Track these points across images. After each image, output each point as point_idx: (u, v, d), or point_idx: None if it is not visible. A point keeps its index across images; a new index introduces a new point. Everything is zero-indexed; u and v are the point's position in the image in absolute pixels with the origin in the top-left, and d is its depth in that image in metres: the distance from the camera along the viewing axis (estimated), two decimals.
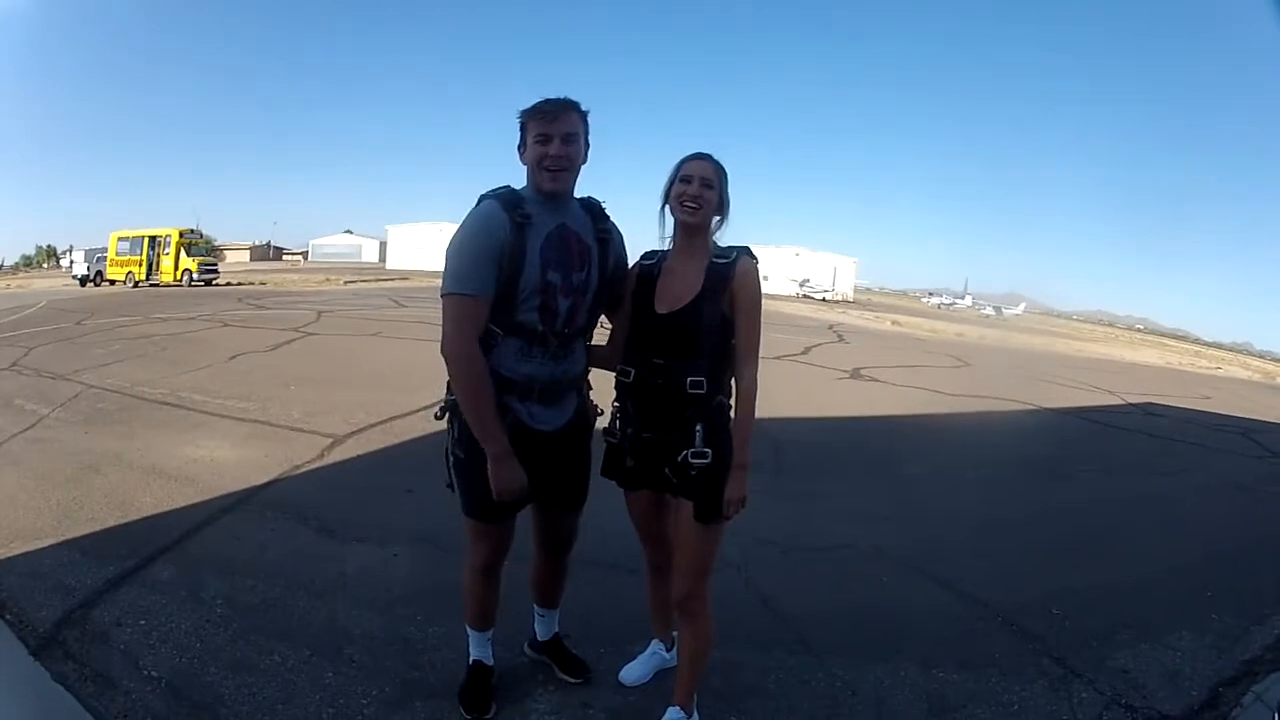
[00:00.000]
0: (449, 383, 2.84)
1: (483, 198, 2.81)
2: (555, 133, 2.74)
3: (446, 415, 2.97)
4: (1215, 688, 3.77)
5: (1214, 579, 5.09)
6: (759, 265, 2.91)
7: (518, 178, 2.90)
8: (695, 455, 2.77)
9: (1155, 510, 6.98)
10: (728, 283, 2.80)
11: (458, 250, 2.75)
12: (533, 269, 2.75)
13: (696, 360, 2.79)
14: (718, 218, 2.89)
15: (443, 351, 2.74)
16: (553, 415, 2.95)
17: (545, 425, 2.92)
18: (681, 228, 2.88)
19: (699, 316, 2.78)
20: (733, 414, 2.88)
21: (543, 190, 2.81)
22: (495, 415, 2.76)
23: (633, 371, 2.89)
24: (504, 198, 2.78)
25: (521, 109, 2.81)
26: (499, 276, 2.72)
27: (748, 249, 2.89)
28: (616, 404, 3.03)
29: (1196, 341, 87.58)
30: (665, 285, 2.89)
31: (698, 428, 2.78)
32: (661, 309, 2.85)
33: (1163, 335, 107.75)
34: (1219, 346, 77.32)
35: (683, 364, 2.78)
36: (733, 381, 2.89)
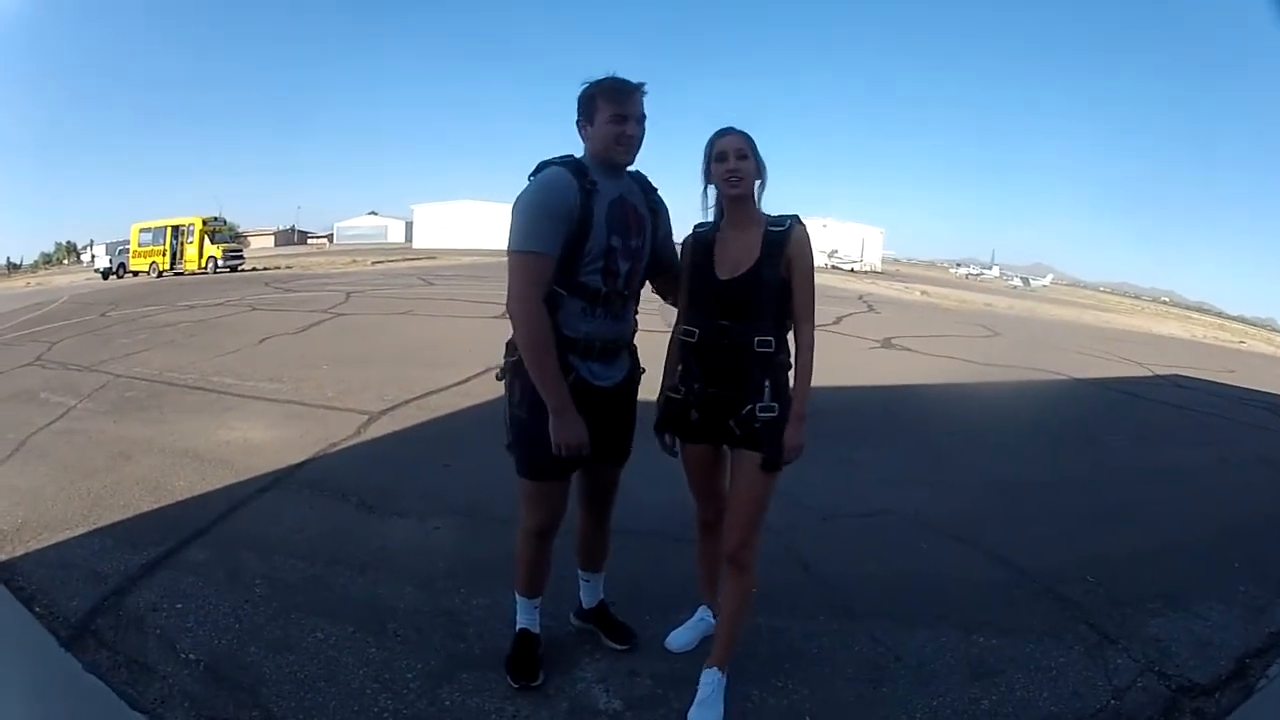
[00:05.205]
0: (509, 343, 2.97)
1: (545, 164, 2.92)
2: (631, 114, 2.88)
3: (507, 377, 3.02)
4: (1242, 659, 3.73)
5: (1241, 551, 5.01)
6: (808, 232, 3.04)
7: (541, 154, 3.01)
8: (764, 409, 2.92)
9: (1183, 481, 6.88)
10: (784, 249, 2.94)
11: (526, 210, 2.83)
12: (599, 233, 2.87)
13: (761, 321, 2.93)
14: (758, 182, 3.01)
15: (508, 307, 2.82)
16: (611, 372, 3.06)
17: (605, 381, 3.03)
18: (729, 200, 3.01)
19: (760, 281, 2.92)
20: (792, 369, 3.02)
21: (617, 163, 2.95)
22: (558, 370, 2.84)
23: (697, 332, 3.00)
24: (572, 165, 2.88)
25: (590, 83, 2.92)
26: (567, 239, 2.82)
27: (797, 217, 3.02)
28: (680, 363, 3.12)
29: (1220, 315, 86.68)
30: (723, 252, 3.01)
31: (766, 383, 2.93)
32: (723, 275, 2.97)
33: (1187, 308, 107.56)
34: (1243, 321, 76.58)
35: (748, 325, 2.92)
36: (790, 339, 3.04)
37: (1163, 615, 4.07)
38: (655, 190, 3.16)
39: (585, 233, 2.82)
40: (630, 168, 3.06)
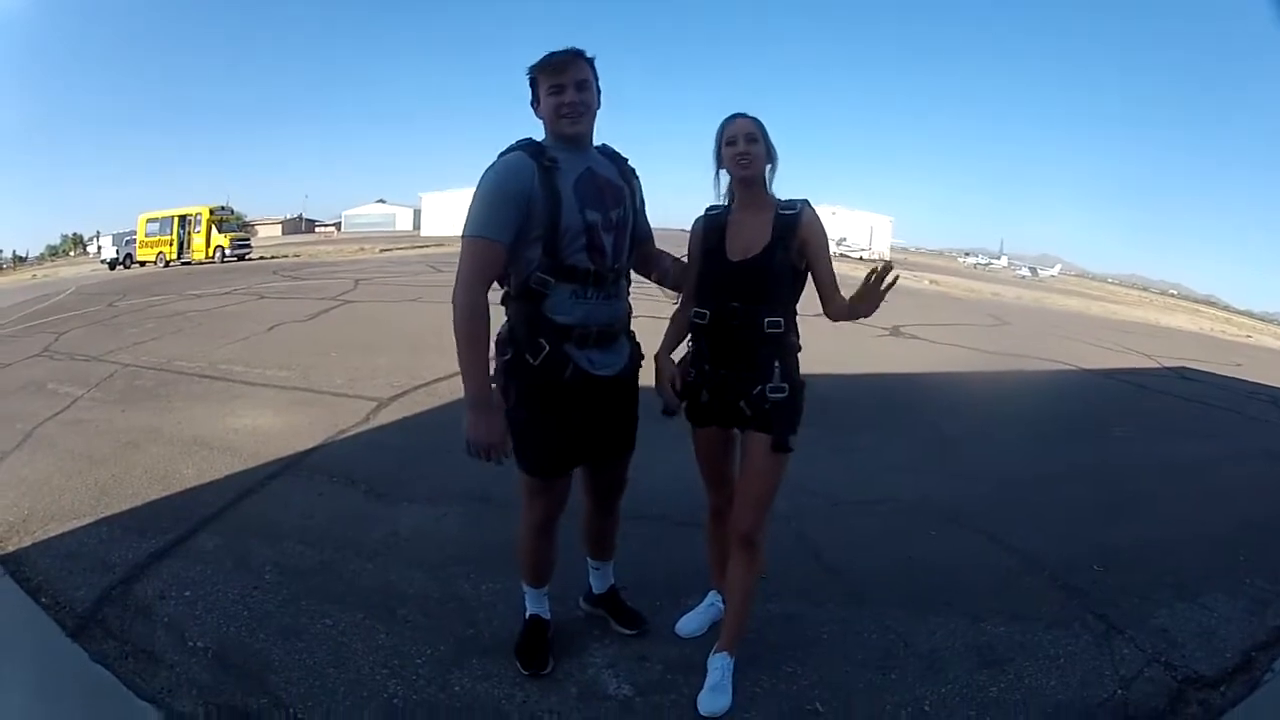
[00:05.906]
0: (497, 343, 2.93)
1: (504, 152, 2.85)
2: (567, 82, 2.79)
3: (500, 379, 2.95)
4: (1248, 651, 3.71)
5: (1247, 544, 4.96)
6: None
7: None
8: (774, 390, 2.93)
9: (1190, 473, 6.82)
10: (795, 232, 2.96)
11: (479, 196, 2.77)
12: (571, 210, 2.78)
13: (771, 303, 2.96)
14: (769, 166, 3.04)
15: (452, 292, 2.76)
16: (611, 359, 2.98)
17: (606, 370, 2.95)
18: (740, 183, 3.05)
19: (772, 263, 2.94)
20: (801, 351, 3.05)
21: (564, 135, 2.84)
22: (486, 364, 2.80)
23: (708, 314, 3.02)
24: (529, 148, 2.81)
25: (530, 65, 2.86)
26: (544, 225, 2.75)
27: (807, 200, 3.03)
28: (690, 344, 3.17)
29: (1228, 309, 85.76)
30: (734, 235, 3.03)
31: (776, 364, 2.95)
32: (734, 257, 2.99)
33: (1195, 301, 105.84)
34: (1249, 315, 75.77)
35: (759, 306, 2.94)
36: (799, 322, 3.05)
37: (1169, 606, 4.06)
38: (626, 160, 3.10)
39: (555, 212, 2.74)
40: (596, 142, 3.00)
